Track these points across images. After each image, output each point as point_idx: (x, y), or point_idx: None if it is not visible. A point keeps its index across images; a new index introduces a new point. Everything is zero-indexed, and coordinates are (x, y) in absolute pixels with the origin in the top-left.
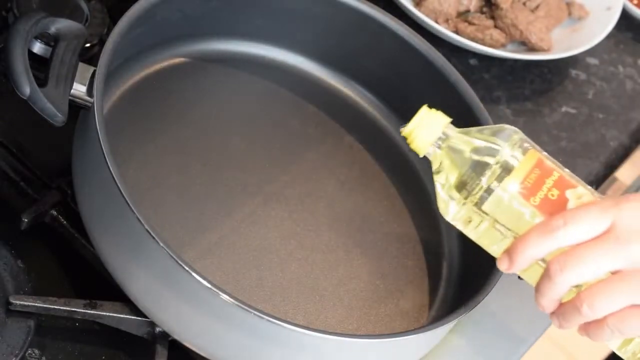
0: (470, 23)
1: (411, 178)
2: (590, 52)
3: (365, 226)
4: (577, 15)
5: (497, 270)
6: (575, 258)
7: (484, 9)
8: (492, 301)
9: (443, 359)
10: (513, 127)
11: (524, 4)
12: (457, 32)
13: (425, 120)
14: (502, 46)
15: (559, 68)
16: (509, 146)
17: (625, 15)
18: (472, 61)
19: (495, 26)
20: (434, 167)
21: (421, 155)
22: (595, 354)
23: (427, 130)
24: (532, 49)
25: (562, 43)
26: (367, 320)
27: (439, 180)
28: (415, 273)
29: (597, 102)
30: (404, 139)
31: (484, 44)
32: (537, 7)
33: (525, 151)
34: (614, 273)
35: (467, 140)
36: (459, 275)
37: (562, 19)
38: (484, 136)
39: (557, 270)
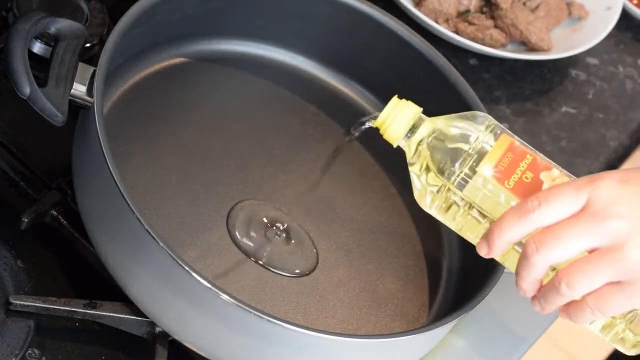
0: (470, 23)
1: None
2: (590, 52)
3: (365, 226)
4: (577, 15)
5: (497, 270)
6: (550, 237)
7: (484, 9)
8: (492, 301)
9: (443, 359)
10: (484, 113)
11: (524, 4)
12: (457, 32)
13: (396, 111)
14: (502, 46)
15: (559, 68)
16: (482, 132)
17: (625, 15)
18: (472, 61)
19: (495, 26)
20: (408, 157)
21: (395, 146)
22: (595, 354)
23: (398, 121)
24: (532, 49)
25: (562, 43)
26: (367, 320)
27: (414, 170)
28: (415, 273)
29: (597, 102)
30: (377, 129)
31: (484, 44)
32: (537, 7)
33: (497, 136)
34: (591, 251)
35: (440, 129)
36: (459, 275)
37: (562, 19)
38: (457, 123)
39: (533, 250)
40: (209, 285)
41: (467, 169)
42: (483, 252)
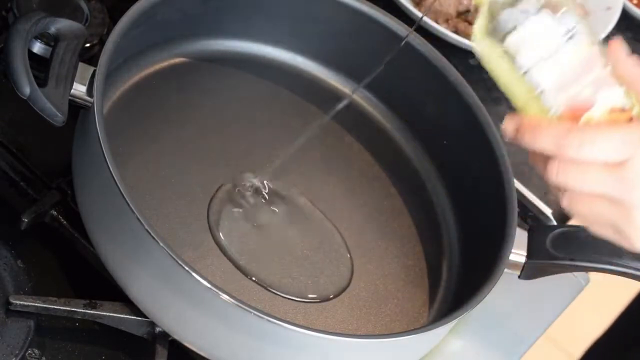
0: (470, 23)
1: (411, 178)
2: None
3: (365, 226)
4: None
5: (497, 270)
6: (575, 175)
7: None
8: (492, 301)
9: (443, 359)
10: None
11: None
12: (457, 32)
13: None
14: None
15: None
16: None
17: (625, 15)
18: (472, 61)
19: None
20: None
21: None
22: None
23: None
24: None
25: None
26: (367, 320)
27: (484, 10)
28: (415, 273)
29: None
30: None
31: None
32: None
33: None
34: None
35: None
36: (459, 275)
37: None
38: None
39: (554, 173)
40: (209, 285)
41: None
42: (507, 132)
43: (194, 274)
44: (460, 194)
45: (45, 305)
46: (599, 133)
